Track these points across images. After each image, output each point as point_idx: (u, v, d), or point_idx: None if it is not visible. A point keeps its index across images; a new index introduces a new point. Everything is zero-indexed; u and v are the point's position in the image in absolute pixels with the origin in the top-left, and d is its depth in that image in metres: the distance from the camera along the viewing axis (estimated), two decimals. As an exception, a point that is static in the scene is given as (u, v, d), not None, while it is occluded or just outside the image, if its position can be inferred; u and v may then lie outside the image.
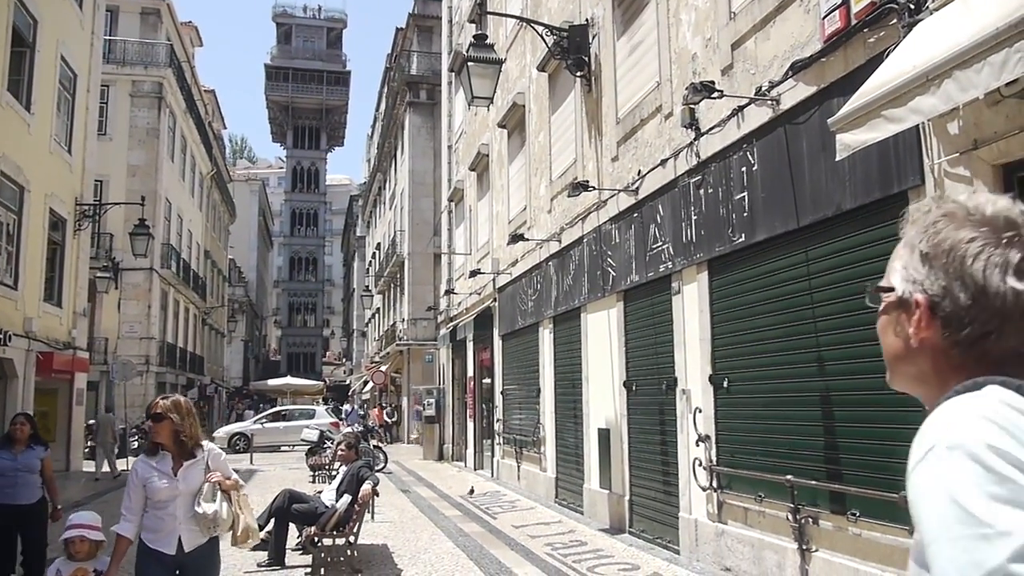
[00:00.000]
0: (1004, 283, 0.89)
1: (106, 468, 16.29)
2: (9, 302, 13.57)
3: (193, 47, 36.99)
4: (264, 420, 27.67)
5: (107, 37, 23.16)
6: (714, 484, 7.03)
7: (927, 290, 0.94)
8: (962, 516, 0.74)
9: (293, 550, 8.11)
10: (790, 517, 5.86)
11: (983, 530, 0.72)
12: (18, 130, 13.91)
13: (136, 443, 20.66)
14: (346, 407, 34.28)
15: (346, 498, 7.80)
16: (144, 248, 19.75)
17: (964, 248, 0.91)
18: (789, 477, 5.85)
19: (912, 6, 4.56)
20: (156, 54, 27.71)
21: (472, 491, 13.29)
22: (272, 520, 7.84)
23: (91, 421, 21.07)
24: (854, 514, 5.22)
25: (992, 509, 0.72)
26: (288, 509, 7.83)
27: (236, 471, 4.24)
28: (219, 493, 3.92)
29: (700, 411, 7.28)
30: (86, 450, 19.16)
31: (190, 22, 35.69)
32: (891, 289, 0.99)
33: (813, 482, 5.69)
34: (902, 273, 0.98)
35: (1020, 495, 0.73)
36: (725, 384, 6.93)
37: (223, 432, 26.91)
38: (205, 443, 4.00)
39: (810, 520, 5.70)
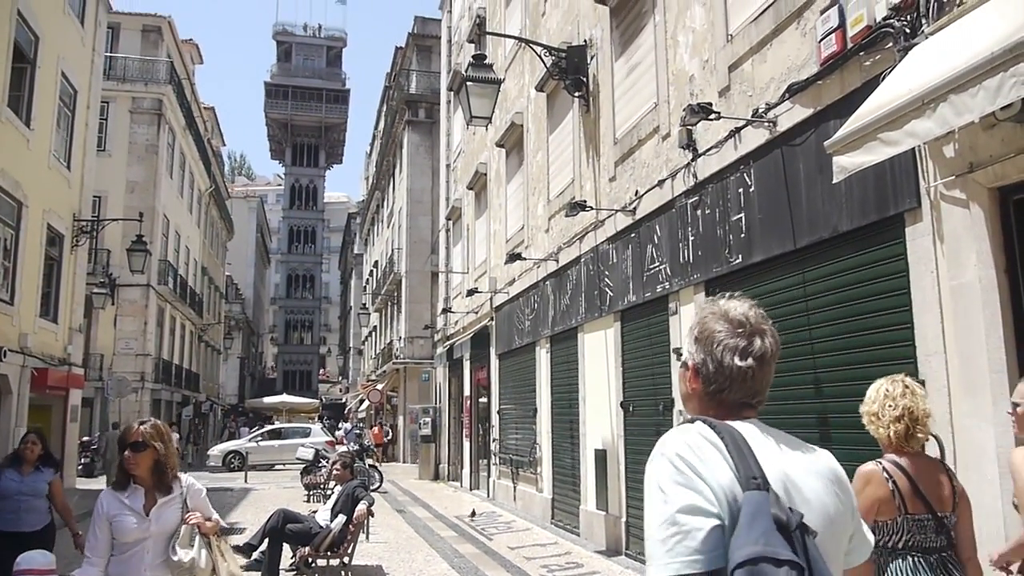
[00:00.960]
0: (732, 361, 1.44)
1: None
2: (5, 317, 13.52)
3: (193, 64, 37.19)
4: (259, 438, 27.54)
5: (108, 54, 23.27)
6: (711, 506, 6.97)
7: (695, 359, 1.49)
8: (658, 493, 1.29)
9: (287, 571, 8.05)
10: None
11: (665, 498, 1.28)
12: (17, 145, 13.93)
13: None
14: (345, 425, 34.14)
15: (341, 518, 7.76)
16: (141, 264, 19.73)
17: (714, 337, 1.46)
18: (786, 499, 5.80)
19: (908, 30, 4.60)
20: (156, 71, 27.86)
21: (474, 513, 13.14)
22: (266, 540, 7.78)
23: (86, 438, 20.97)
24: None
25: (672, 488, 1.28)
26: (282, 529, 7.77)
27: (230, 490, 4.10)
28: (198, 537, 3.44)
29: (697, 432, 7.23)
30: (80, 467, 19.04)
31: (191, 40, 35.86)
32: (681, 354, 1.57)
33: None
34: (687, 345, 1.54)
35: (688, 482, 1.27)
36: (722, 405, 6.89)
37: (218, 450, 26.80)
38: (182, 476, 3.55)
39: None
